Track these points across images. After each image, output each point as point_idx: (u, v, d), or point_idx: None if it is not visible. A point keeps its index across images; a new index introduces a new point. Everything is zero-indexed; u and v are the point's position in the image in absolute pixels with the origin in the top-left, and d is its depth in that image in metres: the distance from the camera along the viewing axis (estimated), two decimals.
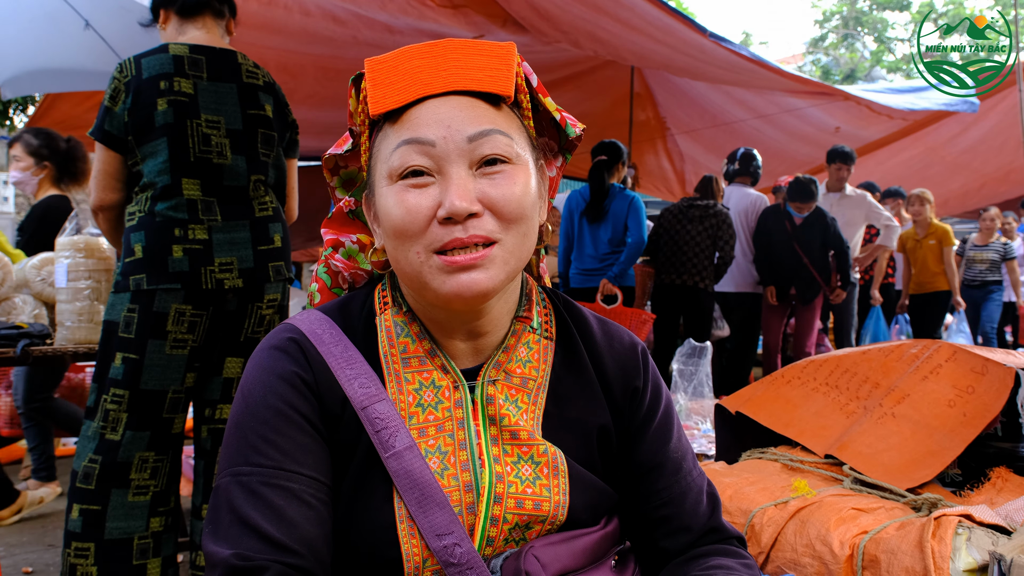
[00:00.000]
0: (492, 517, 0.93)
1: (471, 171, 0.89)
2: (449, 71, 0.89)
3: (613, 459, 1.05)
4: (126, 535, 2.26)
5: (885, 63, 26.11)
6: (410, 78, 0.89)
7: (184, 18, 2.49)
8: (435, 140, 0.87)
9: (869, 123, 7.71)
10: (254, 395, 0.92)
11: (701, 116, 8.33)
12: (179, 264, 2.28)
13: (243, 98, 2.44)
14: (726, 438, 2.40)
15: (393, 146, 0.89)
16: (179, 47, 2.37)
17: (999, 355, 2.06)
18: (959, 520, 1.56)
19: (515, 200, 0.89)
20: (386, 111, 0.90)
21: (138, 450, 2.28)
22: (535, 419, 0.99)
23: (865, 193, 6.32)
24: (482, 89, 0.90)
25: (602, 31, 5.72)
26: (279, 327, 1.00)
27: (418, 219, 0.87)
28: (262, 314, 2.46)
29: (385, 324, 0.99)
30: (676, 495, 1.04)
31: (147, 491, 2.30)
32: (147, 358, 2.27)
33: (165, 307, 2.27)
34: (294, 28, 5.69)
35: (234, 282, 2.35)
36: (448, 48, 0.90)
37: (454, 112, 0.89)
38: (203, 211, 2.33)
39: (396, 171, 0.89)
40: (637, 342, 1.10)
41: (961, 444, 1.85)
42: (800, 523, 1.71)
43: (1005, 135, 8.22)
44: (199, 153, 2.33)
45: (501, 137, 0.90)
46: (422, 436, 0.94)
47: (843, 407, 2.12)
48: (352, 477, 0.93)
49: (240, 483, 0.88)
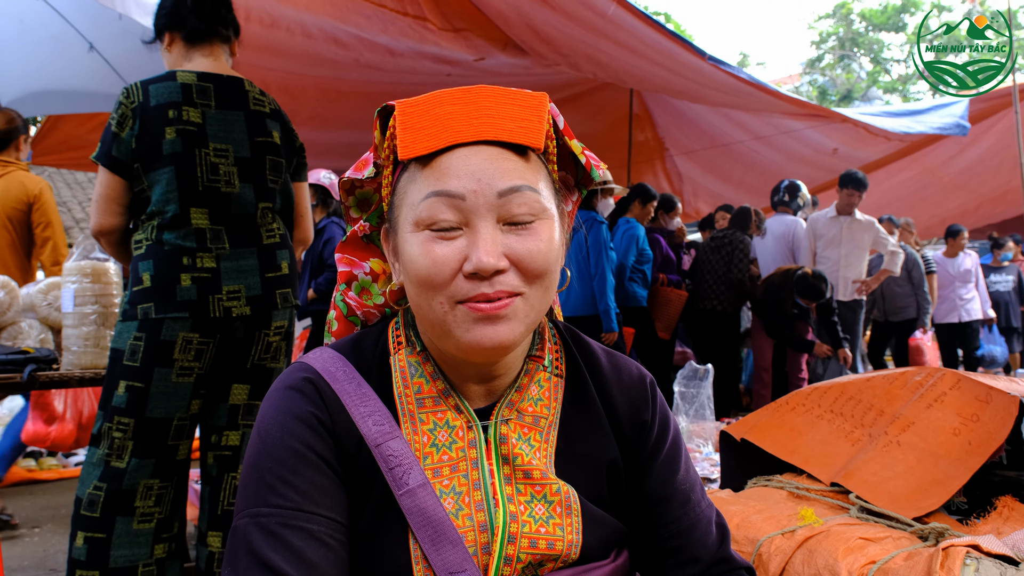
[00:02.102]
0: (506, 556, 0.93)
1: (498, 225, 0.88)
2: (481, 120, 0.88)
3: (622, 492, 1.05)
4: (131, 563, 2.24)
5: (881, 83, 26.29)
6: (441, 125, 0.87)
7: (191, 45, 2.48)
8: (465, 194, 0.86)
9: (866, 144, 7.77)
10: (271, 436, 0.92)
11: (700, 137, 8.37)
12: (187, 293, 2.27)
13: (251, 126, 2.44)
14: (731, 465, 2.41)
15: (422, 195, 0.88)
16: (187, 75, 2.37)
17: (1003, 383, 2.08)
18: (967, 550, 1.56)
19: (541, 256, 0.89)
20: (416, 156, 0.89)
21: (143, 477, 2.27)
22: (548, 456, 0.99)
23: (873, 219, 6.38)
24: (513, 140, 0.89)
25: (601, 54, 5.76)
26: (293, 366, 1.00)
27: (444, 271, 0.87)
28: (269, 341, 2.46)
29: (399, 364, 0.99)
30: (685, 527, 1.04)
31: (151, 518, 2.29)
32: (153, 386, 2.27)
33: (172, 335, 2.27)
34: (296, 50, 5.73)
35: (242, 310, 2.35)
36: (481, 95, 0.89)
37: (485, 164, 0.88)
38: (211, 239, 2.33)
39: (423, 221, 0.88)
40: (645, 374, 1.10)
41: (967, 473, 1.86)
42: (808, 552, 1.71)
43: (1002, 156, 8.28)
44: (207, 182, 2.33)
45: (530, 193, 0.89)
46: (436, 476, 0.94)
47: (848, 435, 2.13)
48: (368, 517, 0.93)
49: (259, 524, 0.87)
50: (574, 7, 5.04)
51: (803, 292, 5.77)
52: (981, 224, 10.60)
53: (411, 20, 5.31)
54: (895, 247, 6.27)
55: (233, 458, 2.44)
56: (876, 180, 8.64)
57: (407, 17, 5.27)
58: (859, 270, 6.28)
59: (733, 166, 8.78)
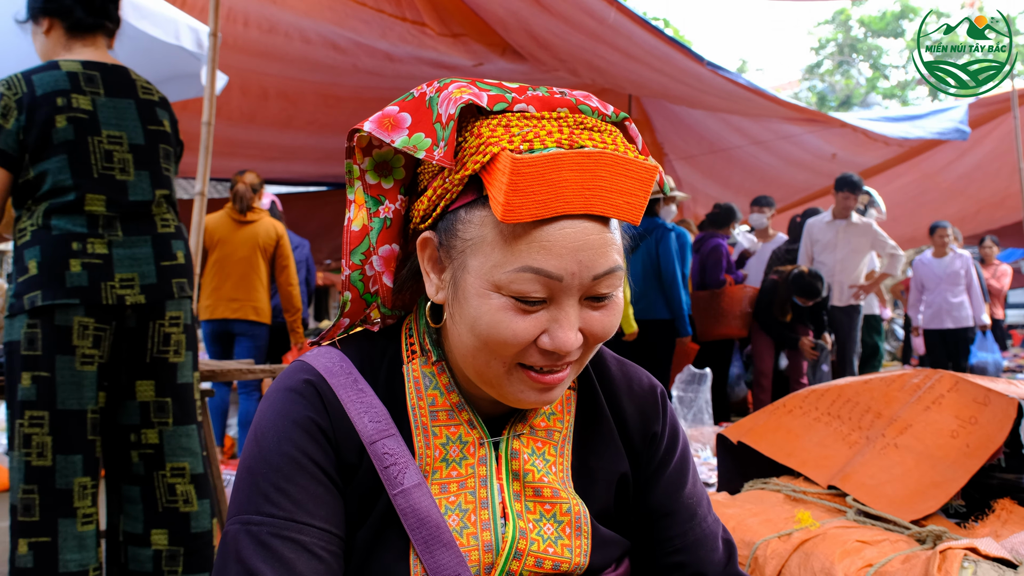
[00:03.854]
0: (509, 571, 0.91)
1: (581, 300, 0.85)
2: (595, 192, 0.81)
3: (628, 505, 1.03)
4: (82, 567, 2.18)
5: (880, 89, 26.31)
6: (553, 193, 0.79)
7: (73, 35, 2.41)
8: (563, 277, 0.81)
9: (865, 150, 7.76)
10: (268, 440, 0.90)
11: (698, 143, 8.38)
12: (78, 279, 2.20)
13: (142, 113, 2.39)
14: (728, 468, 2.39)
15: (514, 265, 0.81)
16: (71, 64, 2.31)
17: (1001, 385, 2.07)
18: (965, 553, 1.55)
19: (612, 329, 0.88)
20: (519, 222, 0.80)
21: (75, 476, 2.19)
22: (564, 471, 0.97)
23: (871, 221, 6.34)
24: (619, 218, 0.83)
25: (600, 60, 5.77)
26: (294, 365, 0.96)
27: (521, 342, 0.83)
28: (165, 332, 2.38)
29: (413, 374, 0.96)
30: (691, 542, 1.02)
31: (92, 520, 2.22)
32: (59, 375, 2.18)
33: (67, 321, 2.19)
34: (294, 55, 5.73)
35: (136, 298, 2.28)
36: (600, 165, 0.81)
37: (587, 242, 0.81)
38: (104, 226, 2.27)
39: (509, 291, 0.82)
40: (656, 385, 1.08)
41: (965, 475, 1.85)
42: (804, 556, 1.70)
43: (1000, 161, 8.27)
44: (102, 170, 2.28)
45: (620, 273, 0.86)
46: (443, 492, 0.92)
47: (845, 437, 2.12)
48: (370, 529, 0.91)
49: (250, 533, 0.85)
50: (573, 13, 5.04)
51: (800, 291, 5.73)
52: (980, 230, 10.59)
53: (409, 25, 5.32)
54: (895, 249, 6.22)
55: (157, 456, 2.36)
56: (875, 185, 8.63)
57: (405, 22, 5.28)
58: (856, 275, 6.24)
59: (732, 171, 8.78)
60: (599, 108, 0.88)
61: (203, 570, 2.38)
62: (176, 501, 2.38)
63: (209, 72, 3.46)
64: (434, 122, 0.86)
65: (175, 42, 3.87)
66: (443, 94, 0.86)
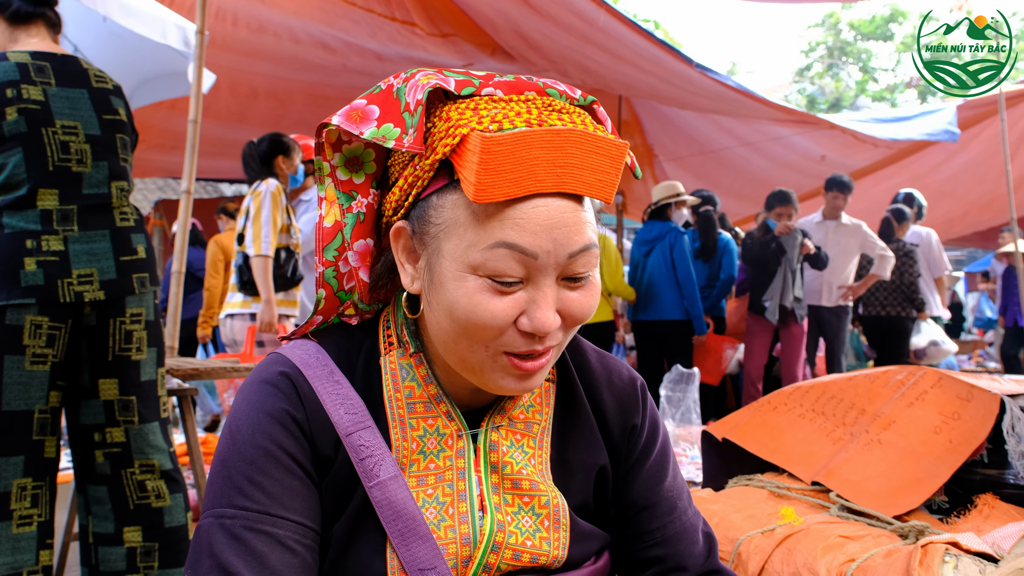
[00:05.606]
0: (486, 564, 0.90)
1: (558, 281, 0.85)
2: (565, 170, 0.81)
3: (607, 498, 1.02)
4: (14, 570, 2.12)
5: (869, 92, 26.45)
6: (525, 171, 0.80)
7: (15, 25, 2.38)
8: (538, 254, 0.81)
9: (854, 151, 7.80)
10: (242, 433, 0.89)
11: (688, 144, 8.40)
12: (33, 277, 2.15)
13: (96, 103, 2.34)
14: (713, 464, 2.40)
15: (487, 242, 0.81)
16: (19, 54, 2.27)
17: (984, 381, 2.08)
18: (946, 548, 1.55)
19: (589, 311, 0.88)
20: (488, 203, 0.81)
21: (14, 477, 2.14)
22: (543, 463, 0.96)
23: (861, 223, 6.35)
24: (591, 195, 0.84)
25: (590, 61, 5.78)
26: (269, 358, 0.96)
27: (500, 324, 0.83)
28: (127, 329, 2.33)
29: (390, 366, 0.95)
30: (670, 535, 1.01)
31: (31, 521, 2.17)
32: (6, 375, 2.14)
33: (19, 320, 2.14)
34: (284, 55, 5.72)
35: (95, 294, 2.24)
36: (569, 142, 0.81)
37: (561, 220, 0.82)
38: (58, 221, 2.22)
39: (485, 270, 0.82)
40: (636, 377, 1.07)
41: (948, 471, 1.86)
42: (787, 551, 1.70)
43: (987, 164, 8.32)
44: (58, 162, 2.23)
45: (595, 251, 0.85)
46: (421, 485, 0.91)
47: (829, 433, 2.12)
48: (345, 522, 0.90)
49: (223, 526, 0.85)
50: (563, 14, 5.05)
51: (776, 200, 5.82)
52: (968, 232, 10.65)
53: (399, 25, 5.32)
54: (884, 250, 6.23)
55: (125, 454, 2.33)
56: (864, 187, 8.67)
57: (395, 22, 5.28)
58: (845, 275, 6.25)
59: (722, 173, 8.81)
60: (567, 92, 0.88)
61: (179, 564, 2.35)
62: (148, 497, 2.34)
63: (196, 70, 3.45)
64: (402, 111, 0.86)
65: (162, 40, 3.87)
66: (410, 83, 0.86)
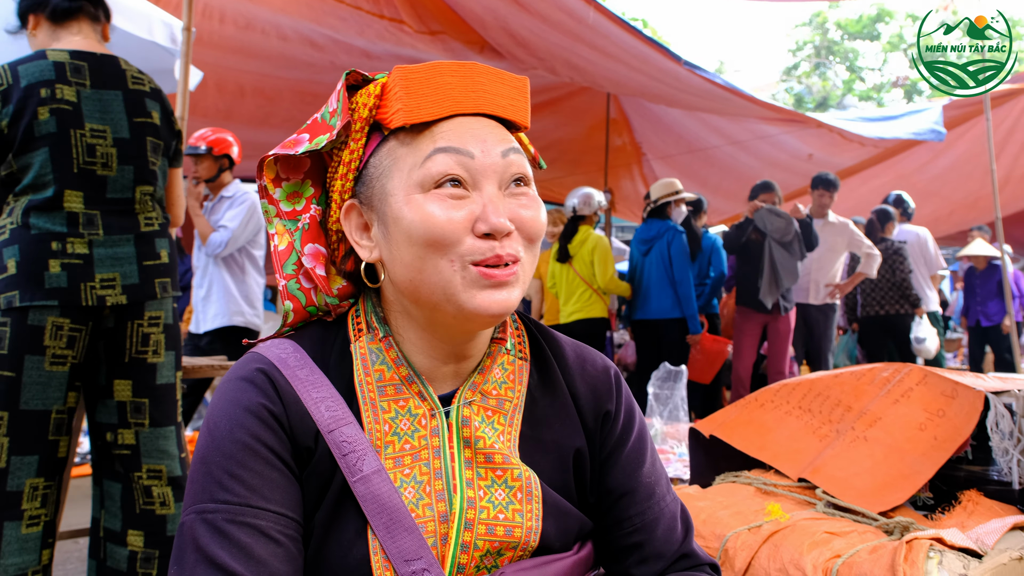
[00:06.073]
0: (463, 543, 0.91)
1: (501, 191, 0.91)
2: (479, 93, 0.92)
3: (587, 484, 1.03)
4: (21, 571, 2.13)
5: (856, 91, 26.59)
6: (443, 93, 0.90)
7: (57, 23, 2.38)
8: (475, 153, 0.89)
9: (841, 150, 7.83)
10: (220, 429, 0.90)
11: (676, 142, 8.41)
12: (57, 280, 2.18)
13: (129, 106, 2.35)
14: (700, 461, 2.41)
15: (426, 154, 0.89)
16: (58, 53, 2.27)
17: (969, 378, 2.09)
18: (931, 544, 1.57)
19: (539, 222, 0.93)
20: (420, 122, 0.90)
21: (28, 477, 2.15)
22: (511, 440, 0.98)
23: (848, 221, 6.38)
24: (506, 117, 0.94)
25: (578, 58, 5.78)
26: (247, 356, 0.97)
27: (457, 228, 0.87)
28: (144, 332, 2.35)
29: (360, 352, 0.97)
30: (649, 521, 1.02)
31: (39, 521, 2.18)
32: (25, 375, 2.15)
33: (41, 321, 2.17)
34: (272, 53, 5.69)
35: (117, 298, 2.25)
36: (476, 71, 0.92)
37: (486, 130, 0.92)
38: (84, 224, 2.23)
39: (433, 179, 0.88)
40: (610, 366, 1.09)
41: (932, 467, 1.87)
42: (774, 547, 1.71)
43: (973, 163, 8.38)
44: (83, 164, 2.24)
45: (523, 159, 0.94)
46: (397, 465, 0.92)
47: (816, 430, 2.14)
48: (326, 509, 0.91)
49: (205, 521, 0.85)
50: (551, 12, 5.04)
51: (760, 190, 5.85)
52: (953, 231, 10.71)
53: (387, 23, 5.30)
54: (871, 249, 6.27)
55: (133, 457, 2.34)
56: (851, 186, 8.72)
57: (383, 20, 5.26)
58: (832, 273, 6.28)
59: (710, 171, 8.82)
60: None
61: None
62: (152, 503, 2.34)
63: (182, 67, 3.44)
64: (328, 122, 0.97)
65: (148, 37, 3.84)
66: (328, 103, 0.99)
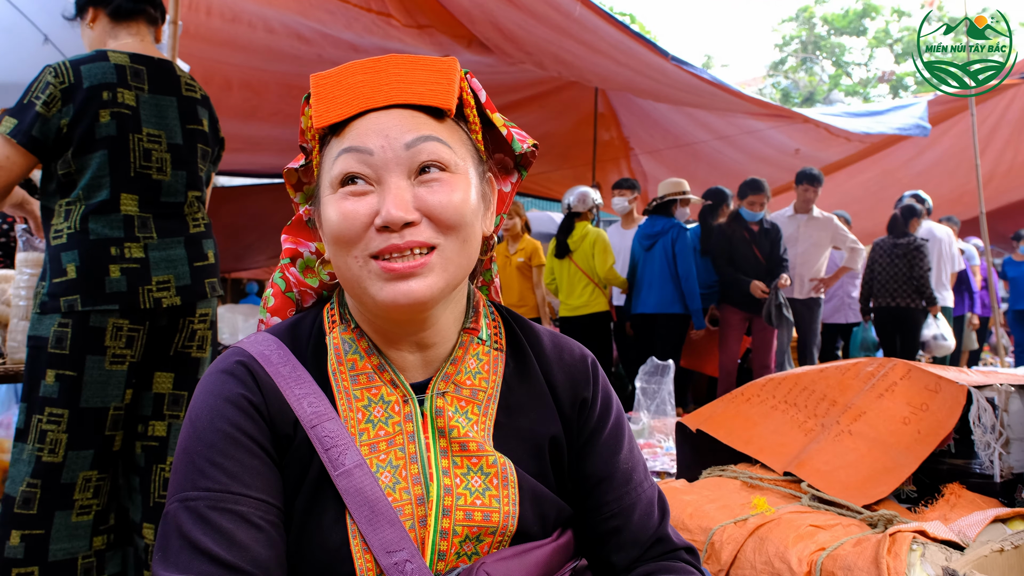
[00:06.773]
0: (442, 530, 0.93)
1: (410, 180, 0.90)
2: (390, 85, 0.91)
3: (564, 471, 1.05)
4: (70, 555, 2.17)
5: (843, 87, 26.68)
6: (353, 92, 0.91)
7: (117, 22, 2.39)
8: (373, 149, 0.89)
9: (827, 145, 7.87)
10: (201, 419, 0.92)
11: (664, 137, 8.43)
12: (117, 284, 2.21)
13: (183, 112, 2.38)
14: (687, 455, 2.42)
15: (334, 156, 0.91)
16: (119, 56, 2.29)
17: (952, 373, 2.11)
18: (914, 536, 1.58)
19: (452, 207, 0.90)
20: (330, 124, 0.92)
21: (82, 470, 2.19)
22: (486, 430, 0.99)
23: (832, 216, 6.41)
24: (423, 103, 0.92)
25: (566, 53, 5.78)
26: (228, 351, 1.00)
27: (355, 225, 0.89)
28: (193, 328, 2.39)
29: (334, 342, 1.00)
30: (626, 506, 1.04)
31: (90, 511, 2.22)
32: (87, 375, 2.18)
33: (102, 323, 2.19)
34: (258, 46, 5.66)
35: (172, 300, 2.29)
36: (390, 63, 0.92)
37: (393, 123, 0.91)
38: (139, 228, 2.27)
39: (336, 179, 0.91)
40: (587, 354, 1.11)
41: (916, 461, 1.89)
42: (759, 540, 1.72)
43: (958, 159, 8.44)
44: (139, 168, 2.27)
45: (439, 145, 0.91)
46: (373, 452, 0.94)
47: (801, 424, 2.15)
48: (305, 496, 0.93)
49: (188, 508, 0.87)
50: (539, 6, 5.04)
51: (748, 189, 5.84)
52: None
53: (375, 16, 5.28)
54: (855, 243, 6.31)
55: (160, 449, 2.37)
56: (837, 181, 8.77)
57: (371, 13, 5.24)
58: (817, 268, 6.32)
59: (697, 166, 8.85)
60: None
61: None
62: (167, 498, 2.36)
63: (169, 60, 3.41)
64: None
65: None
66: None
